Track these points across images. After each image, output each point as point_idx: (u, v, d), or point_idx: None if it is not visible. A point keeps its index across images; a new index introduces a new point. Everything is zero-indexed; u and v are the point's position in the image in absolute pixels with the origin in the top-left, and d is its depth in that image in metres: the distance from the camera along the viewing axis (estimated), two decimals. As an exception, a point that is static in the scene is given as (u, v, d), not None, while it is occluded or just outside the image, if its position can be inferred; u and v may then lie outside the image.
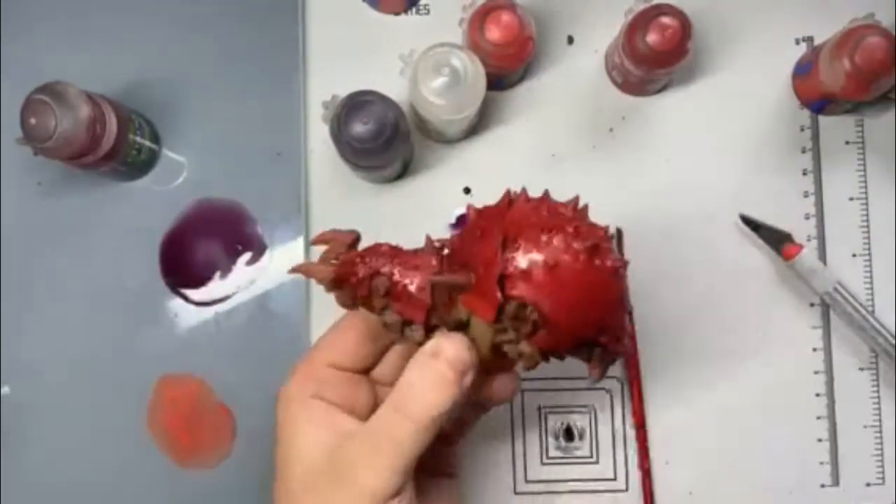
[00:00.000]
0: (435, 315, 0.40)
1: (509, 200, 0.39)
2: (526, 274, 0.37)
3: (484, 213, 0.40)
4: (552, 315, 0.37)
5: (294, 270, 0.42)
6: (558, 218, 0.38)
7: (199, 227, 0.56)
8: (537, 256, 0.37)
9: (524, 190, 0.40)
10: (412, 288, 0.40)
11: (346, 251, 0.41)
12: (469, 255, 0.39)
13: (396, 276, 0.40)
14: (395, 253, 0.41)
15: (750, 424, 0.56)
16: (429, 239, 0.41)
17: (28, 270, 0.56)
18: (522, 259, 0.37)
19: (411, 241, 0.56)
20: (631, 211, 0.56)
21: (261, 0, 0.57)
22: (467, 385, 0.38)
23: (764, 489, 0.55)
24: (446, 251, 0.40)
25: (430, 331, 0.40)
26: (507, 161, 0.56)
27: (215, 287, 0.56)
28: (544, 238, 0.37)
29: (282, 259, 0.56)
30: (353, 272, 0.40)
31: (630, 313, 0.55)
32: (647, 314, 0.56)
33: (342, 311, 0.56)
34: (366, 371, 0.43)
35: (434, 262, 0.40)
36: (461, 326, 0.40)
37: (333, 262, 0.41)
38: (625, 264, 0.39)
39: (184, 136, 0.56)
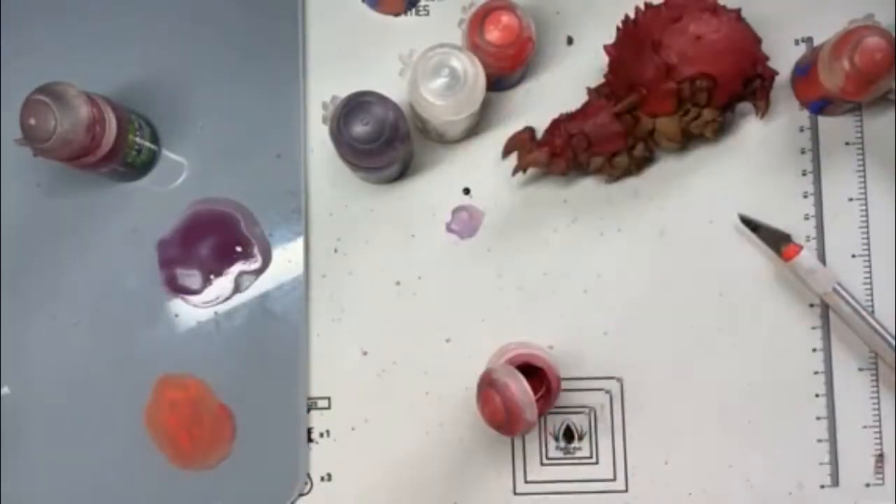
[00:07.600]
0: (630, 137, 0.52)
1: (632, 20, 0.51)
2: (682, 58, 0.49)
3: (617, 45, 0.52)
4: (717, 72, 0.49)
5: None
6: (679, 9, 0.50)
7: (199, 228, 0.56)
8: (682, 38, 0.49)
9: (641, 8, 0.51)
10: (603, 128, 0.51)
11: (534, 141, 0.53)
12: (630, 76, 0.50)
13: (586, 129, 0.51)
14: (572, 116, 0.52)
15: (750, 425, 0.56)
16: (589, 89, 0.53)
17: (28, 271, 0.56)
18: (672, 56, 0.49)
19: (411, 240, 0.56)
20: (630, 211, 0.56)
21: (261, 1, 0.57)
22: None
23: (764, 489, 0.55)
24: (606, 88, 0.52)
25: (631, 150, 0.53)
26: (507, 161, 0.56)
27: (215, 287, 0.56)
28: (678, 26, 0.49)
29: (282, 259, 0.56)
30: (555, 145, 0.52)
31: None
32: (647, 315, 0.56)
33: (340, 310, 0.57)
34: None
35: (602, 100, 0.52)
36: (651, 134, 0.52)
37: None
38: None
39: (184, 136, 0.56)
